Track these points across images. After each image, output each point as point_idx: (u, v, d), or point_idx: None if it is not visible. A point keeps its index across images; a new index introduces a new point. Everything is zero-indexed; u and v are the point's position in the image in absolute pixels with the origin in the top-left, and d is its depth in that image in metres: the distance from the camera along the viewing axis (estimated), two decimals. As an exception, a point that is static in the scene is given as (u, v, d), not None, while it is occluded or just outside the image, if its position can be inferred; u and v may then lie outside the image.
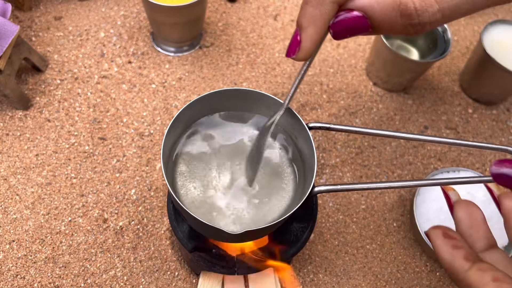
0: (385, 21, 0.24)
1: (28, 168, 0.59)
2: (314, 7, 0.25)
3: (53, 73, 0.67)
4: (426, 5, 0.23)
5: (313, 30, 0.25)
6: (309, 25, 0.25)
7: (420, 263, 0.58)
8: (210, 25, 0.75)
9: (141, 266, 0.54)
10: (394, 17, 0.24)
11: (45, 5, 0.74)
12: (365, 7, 0.24)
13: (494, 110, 0.72)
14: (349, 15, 0.25)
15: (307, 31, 0.26)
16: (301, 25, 0.26)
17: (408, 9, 0.23)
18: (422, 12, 0.23)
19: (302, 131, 0.41)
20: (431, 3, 0.23)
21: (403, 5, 0.23)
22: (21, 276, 0.52)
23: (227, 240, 0.44)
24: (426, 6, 0.23)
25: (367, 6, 0.24)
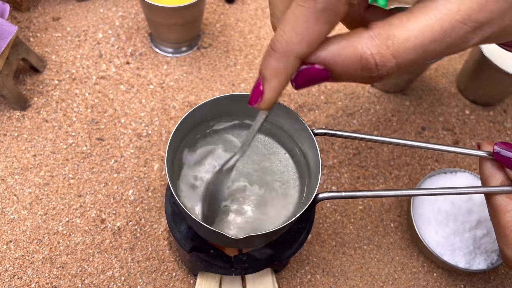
0: (345, 73, 0.25)
1: (26, 169, 0.59)
2: (278, 61, 0.25)
3: (51, 73, 0.67)
4: (385, 60, 0.24)
5: (276, 82, 0.26)
6: (272, 77, 0.26)
7: (417, 263, 0.58)
8: (208, 26, 0.75)
9: (138, 267, 0.54)
10: (354, 70, 0.25)
11: (43, 5, 0.74)
12: (326, 61, 0.25)
13: (491, 112, 0.73)
14: (310, 68, 0.26)
15: (271, 83, 0.26)
16: (264, 76, 0.26)
17: (369, 63, 0.24)
18: (381, 66, 0.24)
19: (307, 137, 0.41)
20: (389, 58, 0.24)
21: (364, 59, 0.24)
22: (19, 277, 0.52)
23: (229, 245, 0.44)
24: (385, 61, 0.24)
25: (329, 60, 0.25)
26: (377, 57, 0.24)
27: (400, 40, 0.23)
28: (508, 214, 0.37)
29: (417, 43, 0.23)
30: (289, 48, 0.24)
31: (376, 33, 0.24)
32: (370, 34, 0.24)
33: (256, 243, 0.43)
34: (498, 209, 0.38)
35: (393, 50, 0.23)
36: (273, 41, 0.25)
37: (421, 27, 0.23)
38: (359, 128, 0.68)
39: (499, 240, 0.39)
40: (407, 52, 0.23)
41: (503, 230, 0.38)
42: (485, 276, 0.58)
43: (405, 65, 0.24)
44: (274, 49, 0.25)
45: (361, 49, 0.24)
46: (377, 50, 0.24)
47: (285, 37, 0.24)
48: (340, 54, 0.24)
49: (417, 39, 0.23)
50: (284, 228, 0.38)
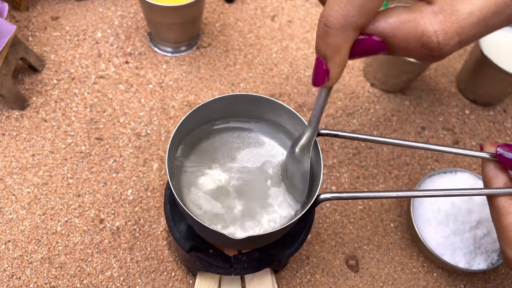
0: (404, 48, 0.24)
1: (24, 168, 0.58)
2: (337, 37, 0.24)
3: (50, 73, 0.67)
4: (449, 38, 0.23)
5: (340, 58, 0.25)
6: (335, 54, 0.25)
7: (417, 263, 0.58)
8: (207, 26, 0.75)
9: (137, 267, 0.53)
10: (414, 47, 0.24)
11: (42, 5, 0.74)
12: (385, 33, 0.24)
13: (491, 111, 0.72)
14: (368, 39, 0.25)
15: (334, 60, 0.25)
16: (325, 55, 0.25)
17: (431, 42, 0.23)
18: (444, 45, 0.23)
19: None
20: (453, 35, 0.23)
21: (426, 37, 0.23)
22: (17, 277, 0.51)
23: (230, 246, 0.44)
24: (448, 39, 0.23)
25: (388, 32, 0.24)
26: (440, 35, 0.23)
27: (464, 15, 0.22)
28: (510, 215, 0.37)
29: (480, 17, 0.22)
30: (346, 22, 0.23)
31: (440, 8, 0.23)
32: (433, 9, 0.23)
33: (257, 244, 0.42)
34: (500, 211, 0.38)
35: (457, 27, 0.23)
36: (326, 17, 0.24)
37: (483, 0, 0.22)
38: (359, 127, 0.67)
39: (501, 242, 0.38)
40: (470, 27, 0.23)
41: (505, 232, 0.37)
42: (485, 276, 0.57)
43: (467, 42, 0.24)
44: (329, 25, 0.24)
45: (423, 25, 0.23)
46: (441, 27, 0.23)
47: (340, 12, 0.23)
48: (401, 28, 0.24)
49: (480, 12, 0.22)
50: (286, 228, 0.38)
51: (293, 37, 0.76)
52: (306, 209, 0.37)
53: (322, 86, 0.28)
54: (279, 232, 0.38)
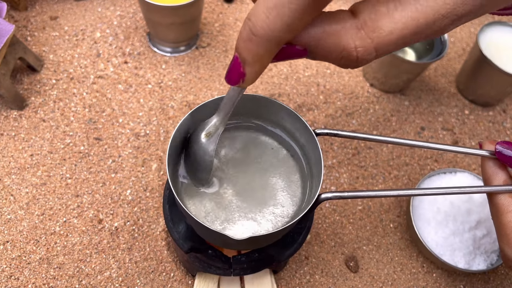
0: (324, 57, 0.25)
1: (23, 168, 0.58)
2: (260, 46, 0.24)
3: (49, 73, 0.67)
4: (367, 53, 0.24)
5: (259, 67, 0.25)
6: (255, 62, 0.25)
7: (417, 264, 0.57)
8: (206, 26, 0.75)
9: (136, 267, 0.53)
10: (335, 57, 0.25)
11: (41, 4, 0.74)
12: (308, 44, 0.25)
13: (491, 112, 0.72)
14: (291, 48, 0.25)
15: (253, 67, 0.25)
16: (245, 59, 0.25)
17: (351, 55, 0.24)
18: (362, 59, 0.24)
19: (308, 137, 0.41)
20: (370, 51, 0.24)
21: (346, 51, 0.24)
22: (15, 277, 0.51)
23: (231, 247, 0.44)
24: (366, 54, 0.24)
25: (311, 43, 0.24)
26: (360, 51, 0.23)
27: (385, 33, 0.23)
28: (509, 214, 0.37)
29: (400, 35, 0.23)
30: (272, 35, 0.23)
31: (363, 23, 0.23)
32: (356, 24, 0.23)
33: (258, 244, 0.42)
34: (500, 209, 0.38)
35: (376, 44, 0.23)
36: (253, 23, 0.23)
37: (406, 20, 0.23)
38: (358, 128, 0.67)
39: (500, 239, 0.38)
40: (389, 44, 0.23)
41: (504, 229, 0.37)
42: (484, 277, 0.57)
43: (382, 55, 0.24)
44: (255, 34, 0.23)
45: (345, 41, 0.24)
46: (361, 43, 0.23)
47: (268, 24, 0.23)
48: (323, 40, 0.24)
49: (401, 32, 0.23)
50: (287, 228, 0.38)
51: (293, 37, 0.76)
52: (308, 209, 0.37)
53: (234, 86, 0.28)
54: (280, 232, 0.37)
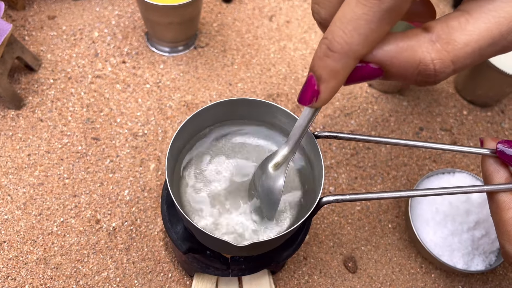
0: (400, 75, 0.25)
1: (20, 168, 0.58)
2: (337, 62, 0.24)
3: (46, 72, 0.66)
4: (445, 66, 0.23)
5: (335, 83, 0.25)
6: (331, 79, 0.25)
7: (415, 264, 0.57)
8: (205, 26, 0.75)
9: (134, 268, 0.53)
10: (411, 74, 0.24)
11: (39, 4, 0.74)
12: (383, 62, 0.24)
13: (489, 112, 0.72)
14: (365, 67, 0.25)
15: (329, 84, 0.25)
16: (320, 76, 0.25)
17: (428, 70, 0.23)
18: (440, 73, 0.24)
19: (308, 140, 0.41)
20: (449, 64, 0.23)
21: (423, 65, 0.23)
22: (12, 278, 0.51)
23: (233, 253, 0.44)
24: (444, 67, 0.23)
25: (386, 60, 0.24)
26: (437, 64, 0.23)
27: (461, 45, 0.23)
28: (510, 210, 0.37)
29: (476, 47, 0.23)
30: (350, 49, 0.23)
31: (437, 37, 0.23)
32: (431, 37, 0.23)
33: (260, 250, 0.42)
34: (501, 205, 0.38)
35: (453, 56, 0.23)
36: (330, 40, 0.23)
37: (480, 31, 0.23)
38: (356, 128, 0.67)
39: (500, 237, 0.38)
40: (466, 57, 0.23)
41: (504, 226, 0.38)
42: (483, 277, 0.57)
43: (461, 69, 0.24)
44: (332, 49, 0.24)
45: (421, 54, 0.23)
46: (438, 56, 0.23)
47: (345, 38, 0.23)
48: (398, 56, 0.24)
49: (476, 43, 0.23)
50: (289, 233, 0.38)
51: (291, 37, 0.76)
52: (309, 213, 0.36)
53: (308, 106, 0.27)
54: (282, 237, 0.37)
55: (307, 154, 0.43)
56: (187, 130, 0.41)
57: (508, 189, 0.38)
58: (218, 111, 0.43)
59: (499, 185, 0.38)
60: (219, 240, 0.35)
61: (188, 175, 0.44)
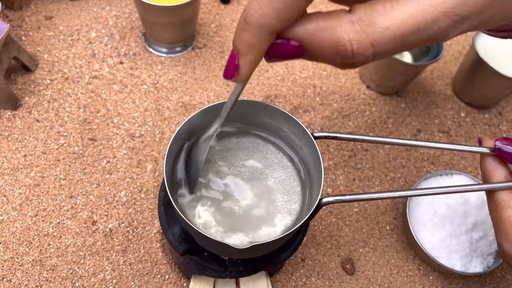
0: (320, 54, 0.25)
1: (16, 169, 0.58)
2: (252, 35, 0.24)
3: (43, 73, 0.66)
4: (363, 48, 0.23)
5: (252, 56, 0.26)
6: (247, 52, 0.25)
7: (413, 266, 0.57)
8: (203, 26, 0.75)
9: (130, 269, 0.53)
10: (330, 54, 0.24)
11: (36, 4, 0.73)
12: (302, 39, 0.24)
13: (487, 114, 0.72)
14: (285, 44, 0.25)
15: (246, 57, 0.26)
16: (238, 50, 0.26)
17: (346, 50, 0.23)
18: (357, 55, 0.23)
19: (307, 141, 0.41)
20: (367, 47, 0.23)
21: (341, 45, 0.23)
22: (8, 279, 0.50)
23: (233, 255, 0.44)
24: (362, 49, 0.23)
25: (305, 38, 0.24)
26: (354, 44, 0.23)
27: (381, 28, 0.23)
28: (509, 209, 0.37)
29: (397, 33, 0.23)
30: (264, 22, 0.24)
31: (358, 18, 0.23)
32: (351, 18, 0.23)
33: (259, 252, 0.42)
34: (499, 204, 0.38)
35: (372, 39, 0.23)
36: (246, 12, 0.24)
37: (403, 17, 0.22)
38: (354, 129, 0.67)
39: (498, 235, 0.38)
40: (386, 41, 0.23)
41: (502, 225, 0.37)
42: (481, 279, 0.57)
43: (382, 55, 0.24)
44: (248, 22, 0.24)
45: (339, 33, 0.23)
46: (356, 37, 0.23)
47: (260, 11, 0.23)
48: (317, 34, 0.24)
49: (398, 29, 0.22)
50: (289, 235, 0.37)
51: (289, 38, 0.75)
52: (309, 214, 0.36)
53: (231, 80, 0.28)
54: (282, 239, 0.37)
55: (306, 155, 0.43)
56: (185, 131, 0.41)
57: (507, 187, 0.38)
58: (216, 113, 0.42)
59: (498, 184, 0.38)
60: (218, 242, 0.35)
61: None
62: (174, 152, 0.41)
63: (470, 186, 0.39)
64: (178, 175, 0.42)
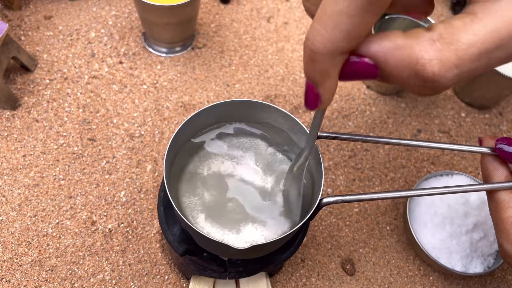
0: (396, 75, 0.23)
1: (15, 169, 0.57)
2: (324, 62, 0.23)
3: (42, 72, 0.66)
4: (446, 70, 0.21)
5: (330, 83, 0.24)
6: (324, 79, 0.24)
7: (414, 267, 0.57)
8: (202, 26, 0.75)
9: (130, 270, 0.53)
10: (408, 75, 0.22)
11: (35, 4, 0.73)
12: (377, 57, 0.23)
13: (487, 114, 0.72)
14: (359, 62, 0.23)
15: (324, 85, 0.24)
16: (314, 81, 0.24)
17: (425, 71, 0.21)
18: (439, 77, 0.21)
19: None
20: (451, 67, 0.21)
21: (421, 65, 0.21)
22: (6, 280, 0.50)
23: (233, 256, 0.44)
24: (445, 70, 0.21)
25: (380, 56, 0.22)
26: (436, 65, 0.21)
27: (465, 45, 0.21)
28: (510, 209, 0.37)
29: (482, 49, 0.21)
30: (333, 47, 0.22)
31: (438, 36, 0.21)
32: (431, 36, 0.21)
33: (260, 252, 0.42)
34: (500, 204, 0.38)
35: (456, 58, 0.21)
36: (312, 41, 0.22)
37: (487, 31, 0.21)
38: (354, 130, 0.67)
39: (499, 235, 0.38)
40: (471, 59, 0.21)
41: (503, 225, 0.37)
42: (481, 280, 0.57)
43: (467, 75, 0.22)
44: (316, 51, 0.22)
45: (418, 52, 0.21)
46: (438, 56, 0.21)
47: (327, 37, 0.21)
48: (394, 53, 0.22)
49: (483, 45, 0.21)
50: (289, 235, 0.37)
51: (289, 38, 0.75)
52: (310, 214, 0.36)
53: (316, 109, 0.27)
54: (282, 239, 0.37)
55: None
56: (185, 132, 0.41)
57: (508, 187, 0.38)
58: (216, 113, 0.42)
59: (498, 184, 0.38)
60: (218, 243, 0.35)
61: (186, 176, 0.43)
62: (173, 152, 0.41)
63: (471, 186, 0.39)
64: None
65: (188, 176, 0.43)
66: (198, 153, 0.45)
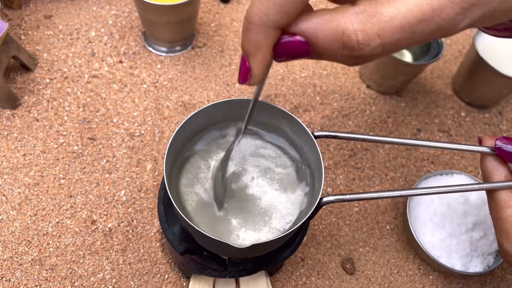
0: (327, 49, 0.24)
1: (15, 168, 0.57)
2: (258, 33, 0.24)
3: (42, 72, 0.66)
4: (369, 38, 0.23)
5: (261, 55, 0.25)
6: (256, 51, 0.25)
7: (413, 266, 0.57)
8: (202, 26, 0.75)
9: (130, 269, 0.53)
10: (336, 47, 0.24)
11: (35, 3, 0.73)
12: (308, 33, 0.24)
13: (487, 114, 0.72)
14: (291, 39, 0.25)
15: (256, 57, 0.26)
16: (247, 52, 0.26)
17: (351, 41, 0.23)
18: (364, 46, 0.23)
19: (307, 141, 0.41)
20: (373, 37, 0.23)
21: (346, 36, 0.23)
22: (7, 279, 0.50)
23: (234, 255, 0.44)
24: (368, 39, 0.23)
25: (311, 32, 0.24)
26: (360, 34, 0.23)
27: (386, 18, 0.22)
28: (510, 208, 0.37)
29: (404, 22, 0.22)
30: (267, 19, 0.24)
31: (362, 9, 0.23)
32: (355, 10, 0.23)
33: (260, 251, 0.42)
34: (500, 203, 0.38)
35: (378, 28, 0.23)
36: (249, 13, 0.24)
37: (409, 6, 0.22)
38: (354, 129, 0.67)
39: (498, 235, 0.38)
40: (393, 31, 0.23)
41: (503, 224, 0.37)
42: (481, 279, 0.57)
43: (391, 46, 0.23)
44: (251, 22, 0.24)
45: (344, 24, 0.23)
46: (361, 26, 0.23)
47: (262, 9, 0.23)
48: (322, 27, 0.24)
49: (404, 18, 0.22)
50: (290, 234, 0.37)
51: (289, 38, 0.75)
52: (310, 213, 0.36)
53: (246, 84, 0.27)
54: (283, 238, 0.37)
55: (306, 154, 0.42)
56: (185, 131, 0.41)
57: (508, 187, 0.38)
58: (216, 112, 0.42)
59: (498, 183, 0.38)
60: (218, 241, 0.35)
61: (186, 176, 0.43)
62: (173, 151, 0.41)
63: (471, 185, 0.39)
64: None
65: (188, 175, 0.43)
66: (198, 153, 0.45)
